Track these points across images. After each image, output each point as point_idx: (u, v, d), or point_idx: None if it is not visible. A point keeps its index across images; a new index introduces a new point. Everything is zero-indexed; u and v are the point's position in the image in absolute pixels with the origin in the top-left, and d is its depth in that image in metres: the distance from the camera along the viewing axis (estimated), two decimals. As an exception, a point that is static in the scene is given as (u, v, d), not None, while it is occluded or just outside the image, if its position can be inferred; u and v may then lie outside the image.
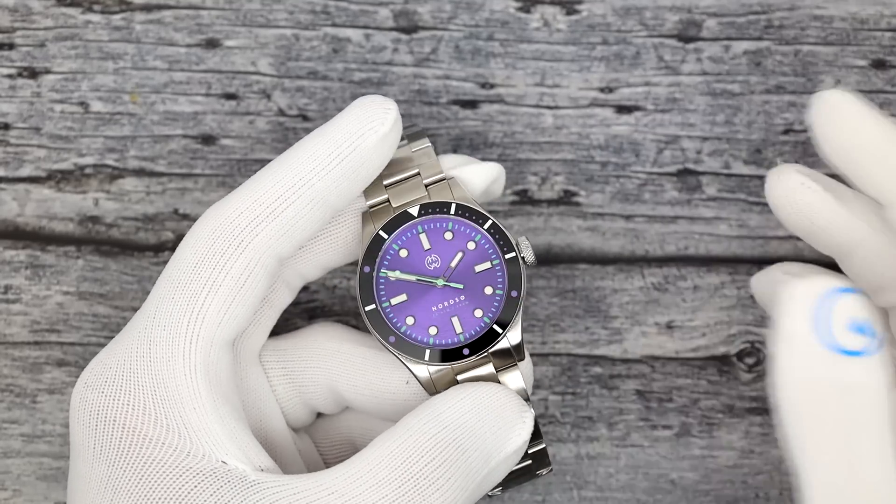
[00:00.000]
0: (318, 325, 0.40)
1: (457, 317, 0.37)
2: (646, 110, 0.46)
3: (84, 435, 0.35)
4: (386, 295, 0.37)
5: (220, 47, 0.46)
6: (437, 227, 0.38)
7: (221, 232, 0.35)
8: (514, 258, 0.37)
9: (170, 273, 0.35)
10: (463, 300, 0.37)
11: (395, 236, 0.37)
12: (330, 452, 0.41)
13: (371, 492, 0.33)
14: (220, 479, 0.33)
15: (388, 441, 0.34)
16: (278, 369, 0.39)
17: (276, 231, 0.35)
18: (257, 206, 0.35)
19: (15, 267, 0.45)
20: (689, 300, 0.45)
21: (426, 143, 0.38)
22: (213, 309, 0.35)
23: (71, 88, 0.46)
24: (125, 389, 0.34)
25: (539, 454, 0.38)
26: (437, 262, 0.38)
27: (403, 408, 0.38)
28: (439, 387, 0.37)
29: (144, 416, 0.34)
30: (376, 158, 0.36)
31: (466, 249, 0.38)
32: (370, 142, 0.36)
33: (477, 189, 0.38)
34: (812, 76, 0.46)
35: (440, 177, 0.38)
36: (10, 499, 0.44)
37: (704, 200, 0.45)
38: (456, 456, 0.34)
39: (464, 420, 0.34)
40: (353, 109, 0.36)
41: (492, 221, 0.37)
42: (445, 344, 0.37)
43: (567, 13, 0.46)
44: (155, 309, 0.35)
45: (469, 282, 0.37)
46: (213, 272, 0.35)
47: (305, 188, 0.35)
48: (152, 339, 0.35)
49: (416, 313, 0.37)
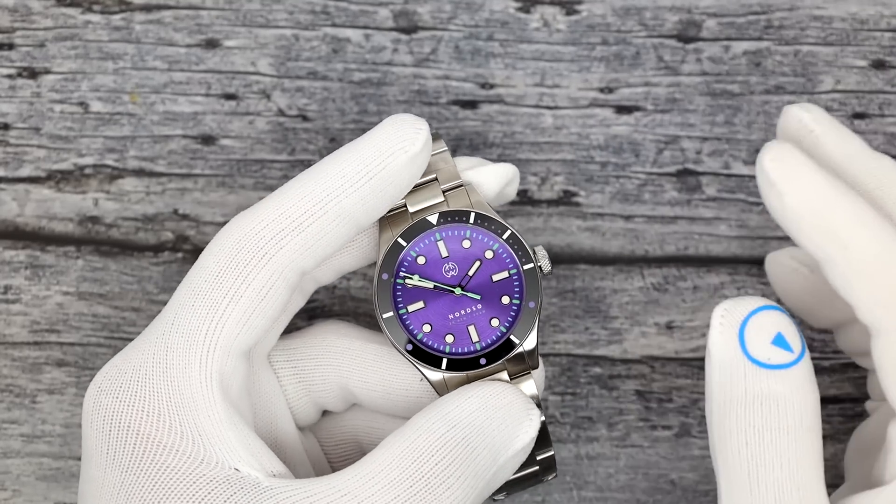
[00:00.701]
0: (327, 324, 0.40)
1: (473, 325, 0.37)
2: (646, 110, 0.46)
3: (97, 439, 0.35)
4: (403, 302, 0.37)
5: (220, 47, 0.46)
6: (455, 235, 0.38)
7: (246, 243, 0.35)
8: (532, 269, 0.37)
9: (191, 280, 0.35)
10: (480, 309, 0.37)
11: (413, 244, 0.37)
12: (334, 451, 0.41)
13: (383, 493, 0.33)
14: (233, 486, 0.33)
15: (397, 441, 0.34)
16: (288, 368, 0.39)
17: (300, 245, 0.35)
18: (283, 219, 0.35)
19: (15, 267, 0.45)
20: (688, 300, 0.45)
21: (443, 146, 0.38)
22: (233, 319, 0.35)
23: (71, 88, 0.46)
24: (140, 395, 0.34)
25: (547, 461, 0.38)
26: (455, 270, 0.38)
27: (415, 404, 0.38)
28: (451, 388, 0.37)
29: (159, 422, 0.34)
30: (405, 178, 0.36)
31: (484, 258, 0.38)
32: (400, 161, 0.36)
33: (492, 192, 0.38)
34: (812, 76, 0.46)
35: (458, 182, 0.38)
36: (10, 499, 0.44)
37: (704, 201, 0.45)
38: (465, 454, 0.34)
39: (472, 418, 0.34)
40: (384, 127, 0.36)
41: (511, 232, 0.37)
42: (462, 353, 0.37)
43: (567, 13, 0.46)
44: (174, 316, 0.35)
45: (486, 291, 0.37)
46: (235, 282, 0.35)
47: (332, 204, 0.35)
48: (169, 345, 0.35)
49: (432, 321, 0.37)
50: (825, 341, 0.45)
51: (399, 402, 0.39)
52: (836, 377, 0.44)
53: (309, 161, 0.45)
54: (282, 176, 0.45)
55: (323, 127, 0.46)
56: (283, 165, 0.45)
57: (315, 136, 0.46)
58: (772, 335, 0.34)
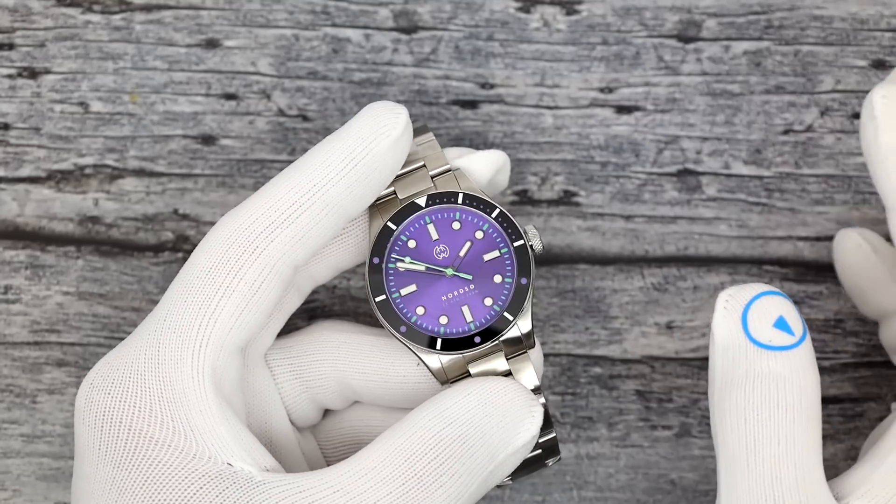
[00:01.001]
0: (322, 322, 0.40)
1: (467, 305, 0.37)
2: (646, 110, 0.46)
3: (89, 436, 0.35)
4: (396, 285, 0.37)
5: (220, 47, 0.46)
6: (444, 217, 0.38)
7: (237, 238, 0.35)
8: (523, 246, 0.37)
9: (183, 277, 0.35)
10: (472, 289, 0.37)
11: (403, 227, 0.37)
12: (334, 453, 0.41)
13: (375, 489, 0.33)
14: (225, 481, 0.33)
15: (392, 437, 0.34)
16: (285, 366, 0.39)
17: (291, 237, 0.35)
18: (272, 212, 0.35)
19: (15, 267, 0.45)
20: (688, 300, 0.45)
21: (430, 136, 0.38)
22: (226, 314, 0.35)
23: (71, 88, 0.46)
24: (132, 391, 0.34)
25: (549, 444, 0.38)
26: (446, 251, 0.38)
27: (414, 393, 0.38)
28: (450, 375, 0.37)
29: (151, 417, 0.34)
30: (389, 163, 0.36)
31: (474, 238, 0.38)
32: (382, 146, 0.36)
33: (483, 178, 0.39)
34: (812, 76, 0.46)
35: (446, 167, 0.38)
36: (10, 499, 0.44)
37: (704, 201, 0.45)
38: (460, 452, 0.34)
39: (470, 416, 0.34)
40: (363, 115, 0.36)
41: (499, 210, 0.37)
42: (456, 333, 0.37)
43: (567, 13, 0.46)
44: (166, 312, 0.35)
45: (478, 270, 0.37)
46: (227, 277, 0.35)
47: (320, 194, 0.35)
48: (161, 341, 0.35)
49: (426, 303, 0.37)
50: (825, 341, 0.45)
51: (397, 390, 0.39)
52: (836, 377, 0.44)
53: (309, 161, 0.45)
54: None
55: (323, 127, 0.46)
56: (284, 165, 0.45)
57: (315, 136, 0.46)
58: (774, 318, 0.35)
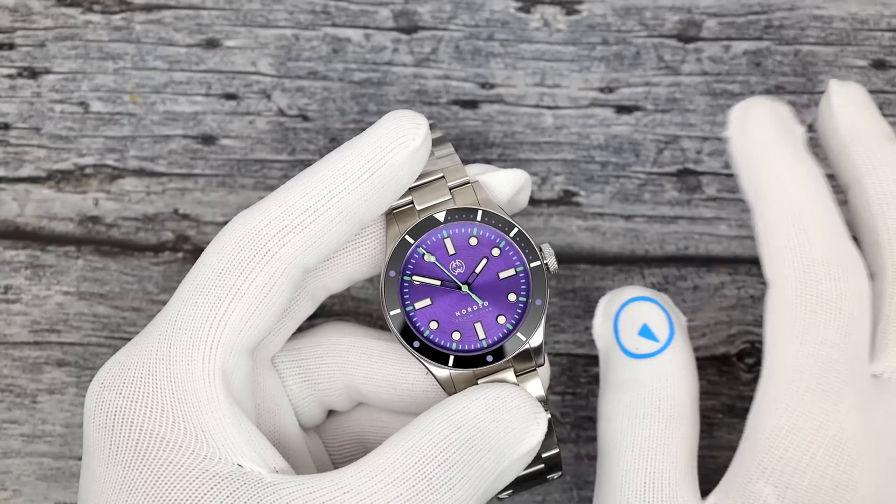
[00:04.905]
0: (330, 324, 0.40)
1: (480, 322, 0.37)
2: (646, 110, 0.46)
3: (99, 435, 0.35)
4: (410, 299, 0.37)
5: (220, 47, 0.46)
6: (462, 232, 0.38)
7: (249, 240, 0.35)
8: (539, 267, 0.37)
9: (194, 277, 0.35)
10: (486, 306, 0.37)
11: (420, 241, 0.37)
12: (339, 452, 0.41)
13: (385, 491, 0.33)
14: (236, 482, 0.33)
15: (402, 440, 0.34)
16: (293, 368, 0.39)
17: (303, 242, 0.35)
18: (286, 216, 0.35)
19: (15, 267, 0.45)
20: (689, 300, 0.45)
21: (450, 148, 0.38)
22: (236, 316, 0.35)
23: (71, 88, 0.46)
24: (143, 391, 0.34)
25: (553, 460, 0.38)
26: (462, 267, 0.38)
27: (421, 398, 0.38)
28: (458, 386, 0.37)
29: (162, 418, 0.34)
30: (406, 173, 0.36)
31: (491, 255, 0.38)
32: (401, 157, 0.36)
33: (503, 196, 0.38)
34: (812, 76, 0.46)
35: (465, 180, 0.38)
36: (10, 499, 0.44)
37: (704, 200, 0.45)
38: (469, 456, 0.34)
39: (478, 421, 0.35)
40: (383, 123, 0.36)
41: (518, 230, 0.37)
42: (468, 350, 0.37)
43: (567, 13, 0.46)
44: (177, 313, 0.35)
45: (493, 288, 0.37)
46: (238, 280, 0.35)
47: (335, 201, 0.35)
48: (172, 342, 0.35)
49: (439, 318, 0.37)
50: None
51: (405, 397, 0.39)
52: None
53: (309, 161, 0.45)
54: (282, 176, 0.45)
55: (323, 127, 0.46)
56: (284, 165, 0.45)
57: (315, 136, 0.46)
58: (639, 325, 0.37)
